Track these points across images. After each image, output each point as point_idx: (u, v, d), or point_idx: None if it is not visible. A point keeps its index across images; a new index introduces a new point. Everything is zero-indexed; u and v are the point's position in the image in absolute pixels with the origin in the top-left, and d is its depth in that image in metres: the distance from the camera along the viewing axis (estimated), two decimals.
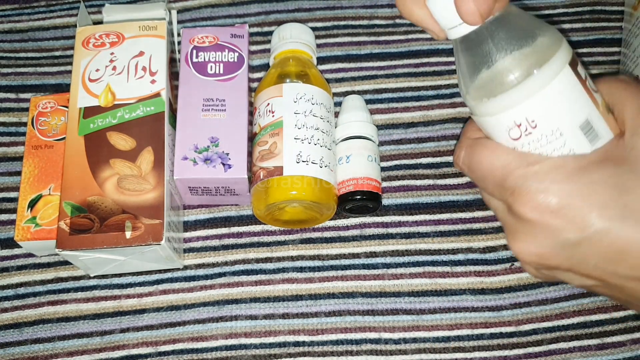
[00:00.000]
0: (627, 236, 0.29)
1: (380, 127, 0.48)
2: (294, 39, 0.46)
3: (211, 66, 0.44)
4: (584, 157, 0.30)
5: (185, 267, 0.44)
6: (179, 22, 0.52)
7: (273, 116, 0.42)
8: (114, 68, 0.43)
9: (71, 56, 0.50)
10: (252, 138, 0.43)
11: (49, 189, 0.42)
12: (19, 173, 0.46)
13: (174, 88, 0.44)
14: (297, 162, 0.40)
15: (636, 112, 0.30)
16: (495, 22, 0.30)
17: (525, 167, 0.30)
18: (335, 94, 0.49)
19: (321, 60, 0.51)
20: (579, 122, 0.30)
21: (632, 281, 0.30)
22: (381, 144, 0.47)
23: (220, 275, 0.43)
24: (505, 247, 0.44)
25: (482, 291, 0.43)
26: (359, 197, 0.42)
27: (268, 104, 0.43)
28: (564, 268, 0.31)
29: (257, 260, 0.44)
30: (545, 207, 0.30)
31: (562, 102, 0.29)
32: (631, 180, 0.29)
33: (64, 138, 0.43)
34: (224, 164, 0.41)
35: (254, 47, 0.51)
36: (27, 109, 0.48)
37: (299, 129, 0.41)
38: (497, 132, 0.31)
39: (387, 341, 0.42)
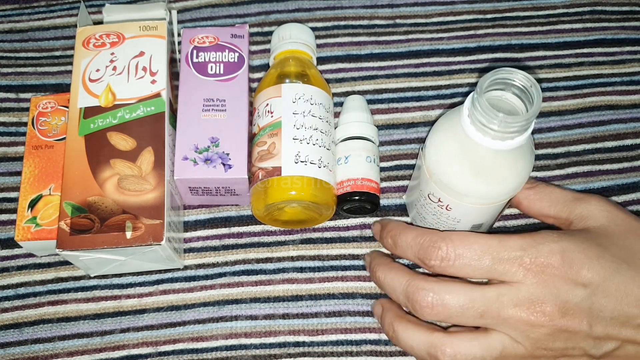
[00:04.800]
0: (625, 279, 0.33)
1: (380, 127, 0.48)
2: (293, 39, 0.46)
3: (211, 66, 0.44)
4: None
5: (186, 267, 0.44)
6: (179, 22, 0.52)
7: (272, 116, 0.42)
8: (114, 68, 0.43)
9: (71, 56, 0.50)
10: (251, 138, 0.43)
11: (49, 189, 0.42)
12: (19, 173, 0.46)
13: (174, 88, 0.44)
14: (296, 163, 0.40)
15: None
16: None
17: (518, 239, 0.34)
18: (335, 94, 0.49)
19: (321, 60, 0.51)
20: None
21: None
22: (381, 144, 0.47)
23: (220, 275, 0.44)
24: None
25: None
26: (356, 197, 0.42)
27: (267, 104, 0.43)
28: (585, 325, 0.32)
29: (258, 261, 0.44)
30: (554, 265, 0.33)
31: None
32: (602, 240, 0.34)
33: (64, 138, 0.43)
34: (224, 164, 0.41)
35: (254, 47, 0.51)
36: (27, 109, 0.48)
37: (297, 129, 0.41)
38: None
39: (387, 342, 0.42)
